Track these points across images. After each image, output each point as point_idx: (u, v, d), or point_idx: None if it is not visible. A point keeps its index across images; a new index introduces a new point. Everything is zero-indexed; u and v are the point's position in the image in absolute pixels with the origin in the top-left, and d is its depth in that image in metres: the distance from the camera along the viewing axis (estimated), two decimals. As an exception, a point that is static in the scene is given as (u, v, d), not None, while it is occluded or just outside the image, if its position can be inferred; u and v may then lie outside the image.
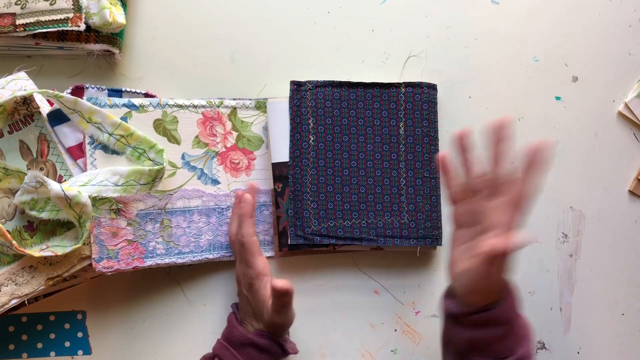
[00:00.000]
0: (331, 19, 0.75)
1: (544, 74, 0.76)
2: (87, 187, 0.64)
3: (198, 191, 0.70)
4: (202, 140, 0.71)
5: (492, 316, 0.56)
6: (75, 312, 0.72)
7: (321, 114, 0.69)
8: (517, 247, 0.52)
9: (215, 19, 0.74)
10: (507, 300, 0.57)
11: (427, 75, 0.75)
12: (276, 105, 0.70)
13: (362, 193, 0.71)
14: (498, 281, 0.56)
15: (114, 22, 0.66)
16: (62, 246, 0.64)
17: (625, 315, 0.76)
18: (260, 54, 0.74)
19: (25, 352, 0.71)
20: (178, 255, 0.69)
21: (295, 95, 0.70)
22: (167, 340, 0.73)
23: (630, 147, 0.77)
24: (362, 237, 0.70)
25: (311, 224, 0.70)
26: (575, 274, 0.76)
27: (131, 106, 0.68)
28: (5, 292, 0.63)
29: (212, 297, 0.73)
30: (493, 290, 0.57)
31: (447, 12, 0.76)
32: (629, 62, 0.77)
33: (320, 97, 0.69)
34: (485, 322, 0.57)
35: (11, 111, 0.65)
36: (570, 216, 0.76)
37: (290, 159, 0.70)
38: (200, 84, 0.73)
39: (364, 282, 0.74)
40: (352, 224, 0.70)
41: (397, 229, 0.70)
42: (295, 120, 0.69)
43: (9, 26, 0.65)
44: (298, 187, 0.70)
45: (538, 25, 0.76)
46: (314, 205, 0.70)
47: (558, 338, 0.76)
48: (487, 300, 0.57)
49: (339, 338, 0.74)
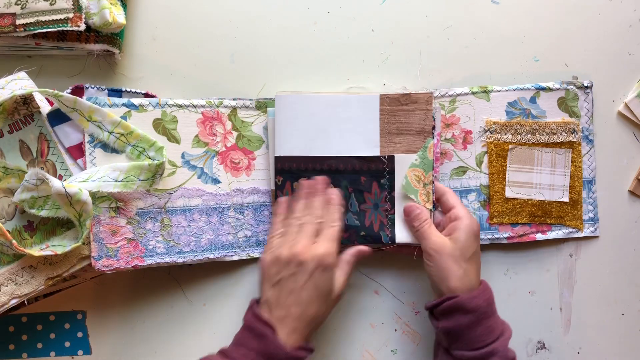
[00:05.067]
0: (331, 19, 0.75)
1: (544, 74, 0.76)
2: (87, 184, 0.64)
3: (198, 190, 0.70)
4: (201, 139, 0.71)
5: (456, 304, 0.63)
6: (75, 312, 0.72)
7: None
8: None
9: (215, 19, 0.74)
10: (473, 292, 0.63)
11: (427, 75, 0.75)
12: (284, 99, 0.70)
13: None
14: (446, 272, 0.64)
15: (114, 22, 0.67)
16: (62, 245, 0.64)
17: (625, 315, 0.76)
18: (260, 54, 0.74)
19: (25, 352, 0.71)
20: (178, 254, 0.69)
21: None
22: (167, 340, 0.73)
23: (630, 147, 0.77)
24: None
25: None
26: (575, 274, 0.76)
27: (130, 106, 0.68)
28: (5, 292, 0.63)
29: (212, 297, 0.73)
30: (447, 280, 0.64)
31: (447, 12, 0.76)
32: (629, 62, 0.77)
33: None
34: (450, 310, 0.63)
35: (11, 111, 0.65)
36: (570, 216, 0.76)
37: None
38: (200, 84, 0.73)
39: (364, 282, 0.74)
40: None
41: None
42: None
43: (9, 26, 0.65)
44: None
45: (538, 25, 0.76)
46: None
47: (558, 338, 0.76)
48: (451, 290, 0.64)
49: (339, 338, 0.74)
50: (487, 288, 0.65)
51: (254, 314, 0.62)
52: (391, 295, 0.75)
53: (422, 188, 0.70)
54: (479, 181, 0.74)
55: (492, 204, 0.74)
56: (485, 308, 0.63)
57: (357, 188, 0.70)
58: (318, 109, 0.70)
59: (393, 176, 0.70)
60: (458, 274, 0.64)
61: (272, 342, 0.60)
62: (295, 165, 0.70)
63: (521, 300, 0.75)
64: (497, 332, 0.63)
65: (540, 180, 0.74)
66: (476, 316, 0.63)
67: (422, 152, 0.70)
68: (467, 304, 0.63)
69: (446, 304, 0.63)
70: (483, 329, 0.63)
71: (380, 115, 0.70)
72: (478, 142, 0.74)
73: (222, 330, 0.72)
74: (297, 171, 0.70)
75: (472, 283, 0.64)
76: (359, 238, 0.70)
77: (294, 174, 0.70)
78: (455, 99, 0.74)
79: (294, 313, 0.61)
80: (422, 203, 0.69)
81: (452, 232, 0.66)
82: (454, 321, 0.63)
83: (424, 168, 0.70)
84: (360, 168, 0.70)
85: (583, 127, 0.75)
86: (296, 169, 0.70)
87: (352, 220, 0.70)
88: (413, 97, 0.70)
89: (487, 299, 0.64)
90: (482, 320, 0.63)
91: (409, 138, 0.70)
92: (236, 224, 0.72)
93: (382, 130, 0.70)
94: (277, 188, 0.70)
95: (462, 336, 0.63)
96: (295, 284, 0.62)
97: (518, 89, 0.74)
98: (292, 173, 0.70)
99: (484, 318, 0.63)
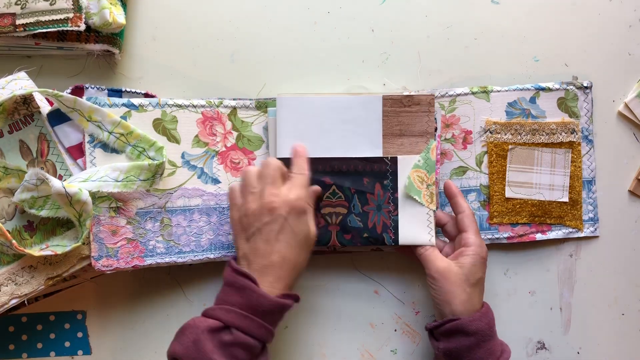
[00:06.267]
0: (331, 19, 0.75)
1: (544, 74, 0.76)
2: (87, 183, 0.64)
3: (198, 190, 0.70)
4: (201, 139, 0.71)
5: (457, 326, 0.63)
6: (75, 312, 0.72)
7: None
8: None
9: (215, 19, 0.74)
10: (474, 315, 0.64)
11: (427, 75, 0.75)
12: (286, 102, 0.70)
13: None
14: (450, 294, 0.64)
15: (114, 22, 0.66)
16: (62, 245, 0.64)
17: (625, 315, 0.76)
18: (260, 54, 0.74)
19: (25, 352, 0.71)
20: (178, 254, 0.69)
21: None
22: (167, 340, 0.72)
23: (630, 147, 0.77)
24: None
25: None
26: (575, 274, 0.76)
27: (130, 106, 0.68)
28: (5, 292, 0.63)
29: (212, 297, 0.72)
30: (450, 302, 0.64)
31: (447, 12, 0.76)
32: (629, 62, 0.77)
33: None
34: (452, 332, 0.63)
35: (11, 111, 0.65)
36: (570, 216, 0.76)
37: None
38: (200, 84, 0.73)
39: (364, 282, 0.74)
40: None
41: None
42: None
43: (9, 26, 0.65)
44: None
45: (538, 25, 0.76)
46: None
47: (558, 338, 0.76)
48: (454, 313, 0.64)
49: (339, 338, 0.74)
50: (489, 311, 0.66)
51: (232, 269, 0.61)
52: (391, 295, 0.75)
53: (426, 189, 0.70)
54: (479, 181, 0.74)
55: (492, 204, 0.74)
56: (486, 331, 0.63)
57: (359, 189, 0.70)
58: (320, 110, 0.70)
59: (396, 177, 0.70)
60: (462, 298, 0.64)
61: (255, 292, 0.58)
62: None
63: (521, 300, 0.75)
64: (497, 354, 0.64)
65: (540, 180, 0.74)
66: (477, 338, 0.63)
67: (425, 153, 0.70)
68: (468, 326, 0.63)
69: (448, 326, 0.64)
70: (483, 352, 0.63)
71: (383, 116, 0.70)
72: (478, 142, 0.74)
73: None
74: None
75: (475, 307, 0.65)
76: (361, 239, 0.70)
77: None
78: (455, 99, 0.74)
79: (274, 261, 0.60)
80: (426, 204, 0.69)
81: (459, 256, 0.66)
82: (454, 343, 0.63)
83: (427, 169, 0.70)
84: (363, 169, 0.70)
85: (583, 127, 0.75)
86: None
87: (355, 221, 0.70)
88: (415, 98, 0.70)
89: (488, 322, 0.64)
90: (482, 343, 0.63)
91: (411, 139, 0.70)
92: (236, 224, 0.72)
93: (385, 131, 0.70)
94: None
95: (462, 358, 0.63)
96: (271, 232, 0.60)
97: (518, 89, 0.74)
98: None
99: (484, 341, 0.63)
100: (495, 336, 0.65)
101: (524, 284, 0.75)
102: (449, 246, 0.70)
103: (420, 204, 0.69)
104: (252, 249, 0.61)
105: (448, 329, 0.64)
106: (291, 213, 0.61)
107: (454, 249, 0.68)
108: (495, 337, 0.65)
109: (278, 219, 0.61)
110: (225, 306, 0.59)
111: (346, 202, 0.70)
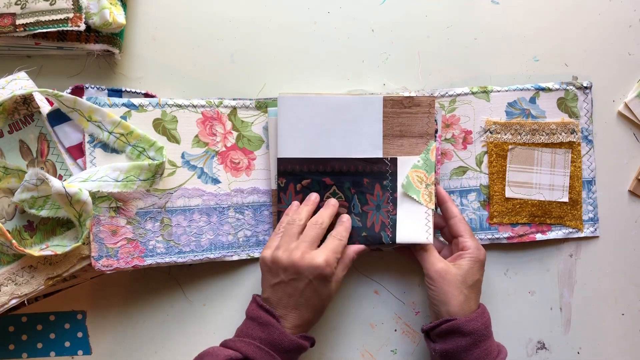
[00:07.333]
0: (331, 19, 0.75)
1: (544, 74, 0.76)
2: (87, 184, 0.64)
3: (198, 190, 0.70)
4: (201, 139, 0.71)
5: (454, 326, 0.63)
6: (75, 312, 0.72)
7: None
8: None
9: (215, 19, 0.74)
10: (470, 315, 0.64)
11: (427, 75, 0.75)
12: (287, 101, 0.70)
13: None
14: (444, 295, 0.65)
15: (114, 22, 0.66)
16: (62, 245, 0.64)
17: (625, 315, 0.76)
18: (260, 54, 0.74)
19: (25, 352, 0.71)
20: (178, 254, 0.69)
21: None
22: (167, 340, 0.73)
23: (630, 147, 0.77)
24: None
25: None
26: (575, 274, 0.76)
27: (130, 106, 0.68)
28: (5, 292, 0.63)
29: (212, 297, 0.73)
30: (445, 302, 0.65)
31: (447, 12, 0.76)
32: (629, 62, 0.77)
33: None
34: (448, 332, 0.64)
35: (11, 111, 0.65)
36: (570, 216, 0.76)
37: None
38: (200, 84, 0.73)
39: (364, 282, 0.75)
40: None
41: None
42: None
43: (9, 26, 0.65)
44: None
45: (538, 25, 0.76)
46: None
47: (558, 338, 0.76)
48: (450, 314, 0.64)
49: (339, 338, 0.74)
50: (485, 311, 0.66)
51: (257, 304, 0.64)
52: (391, 295, 0.75)
53: (425, 189, 0.70)
54: (479, 181, 0.74)
55: (492, 204, 0.74)
56: (482, 331, 0.64)
57: (359, 189, 0.70)
58: (321, 110, 0.70)
59: (396, 178, 0.70)
60: (459, 299, 0.64)
61: (277, 329, 0.61)
62: (298, 167, 0.70)
63: (521, 300, 0.75)
64: (493, 354, 0.64)
65: (540, 181, 0.74)
66: (473, 339, 0.63)
67: (425, 154, 0.70)
68: (464, 326, 0.63)
69: (444, 326, 0.64)
70: (480, 352, 0.63)
71: (384, 117, 0.70)
72: (478, 142, 0.74)
73: (222, 330, 0.72)
74: (300, 173, 0.70)
75: (471, 309, 0.65)
76: (360, 238, 0.70)
77: (296, 175, 0.70)
78: (455, 99, 0.74)
79: (293, 313, 0.63)
80: (425, 203, 0.69)
81: (457, 259, 0.67)
82: (451, 343, 0.64)
83: (426, 169, 0.70)
84: (363, 170, 0.70)
85: (582, 128, 0.75)
86: (299, 170, 0.70)
87: (355, 221, 0.70)
88: (416, 100, 0.70)
89: (484, 322, 0.65)
90: (478, 343, 0.64)
91: (411, 140, 0.70)
92: (236, 224, 0.72)
93: (385, 132, 0.70)
94: (280, 190, 0.70)
95: (458, 359, 0.64)
96: (295, 289, 0.63)
97: (518, 89, 0.74)
98: (295, 175, 0.70)
99: (480, 341, 0.64)
100: (492, 337, 0.66)
101: (524, 284, 0.76)
102: (447, 249, 0.71)
103: (419, 203, 0.69)
104: (276, 297, 0.64)
105: (444, 329, 0.64)
106: (317, 278, 0.63)
107: (452, 252, 0.69)
108: (492, 337, 0.66)
109: (304, 279, 0.63)
110: (246, 339, 0.61)
111: (346, 202, 0.70)
